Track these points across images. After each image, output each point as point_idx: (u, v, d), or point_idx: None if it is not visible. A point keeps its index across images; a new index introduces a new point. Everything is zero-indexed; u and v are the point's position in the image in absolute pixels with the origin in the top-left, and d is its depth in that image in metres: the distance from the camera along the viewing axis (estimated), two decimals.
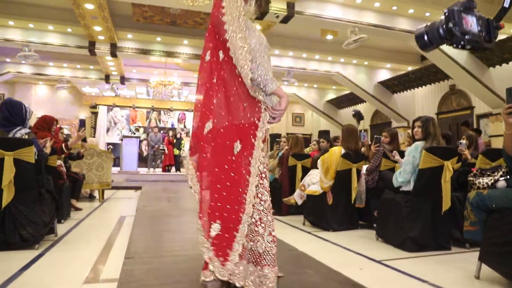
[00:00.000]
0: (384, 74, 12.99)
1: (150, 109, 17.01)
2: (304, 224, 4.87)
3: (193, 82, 14.42)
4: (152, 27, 9.89)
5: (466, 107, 11.06)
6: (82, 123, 14.71)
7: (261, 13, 7.51)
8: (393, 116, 13.12)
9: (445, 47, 8.81)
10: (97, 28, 9.06)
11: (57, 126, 5.43)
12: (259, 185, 1.86)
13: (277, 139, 7.80)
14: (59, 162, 4.82)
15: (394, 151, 4.16)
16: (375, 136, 4.99)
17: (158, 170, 15.13)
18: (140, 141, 15.43)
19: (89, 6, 7.79)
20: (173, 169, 15.18)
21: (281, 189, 5.83)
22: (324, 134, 16.49)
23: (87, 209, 5.69)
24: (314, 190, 4.69)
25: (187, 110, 17.41)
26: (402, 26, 8.35)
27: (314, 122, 19.95)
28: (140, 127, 16.90)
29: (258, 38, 1.85)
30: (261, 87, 1.77)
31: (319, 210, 4.61)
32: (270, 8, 7.32)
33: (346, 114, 16.62)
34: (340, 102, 16.20)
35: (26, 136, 3.32)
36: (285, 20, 7.70)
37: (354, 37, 7.91)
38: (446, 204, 3.40)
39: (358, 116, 10.86)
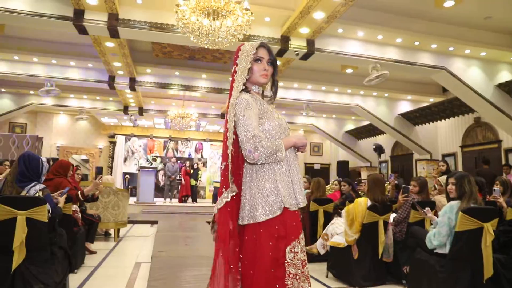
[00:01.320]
0: (405, 106, 12.72)
1: (168, 139, 17.05)
2: (327, 276, 4.58)
3: (210, 114, 14.42)
4: (171, 61, 9.97)
5: (493, 141, 10.65)
6: (99, 170, 14.75)
7: (280, 51, 7.46)
8: (415, 148, 12.76)
9: (469, 80, 8.56)
10: (117, 64, 9.17)
11: (74, 167, 5.35)
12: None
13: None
14: (74, 207, 4.70)
15: (427, 208, 3.87)
16: (403, 185, 4.72)
17: (175, 201, 14.99)
18: (157, 171, 15.39)
19: (109, 44, 7.89)
20: (190, 199, 15.02)
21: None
22: (344, 176, 16.12)
23: (101, 252, 5.53)
24: (338, 242, 4.42)
25: (204, 140, 17.39)
26: (425, 61, 8.16)
27: (332, 152, 19.66)
28: (157, 157, 16.93)
29: (277, 121, 1.89)
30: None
31: (343, 264, 4.34)
32: (289, 46, 7.26)
33: (365, 145, 16.32)
34: (360, 133, 15.92)
35: (40, 193, 3.20)
36: (305, 57, 7.61)
37: (375, 73, 7.74)
38: (487, 271, 3.09)
39: (379, 150, 10.61)
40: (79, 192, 4.48)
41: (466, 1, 6.58)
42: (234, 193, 1.83)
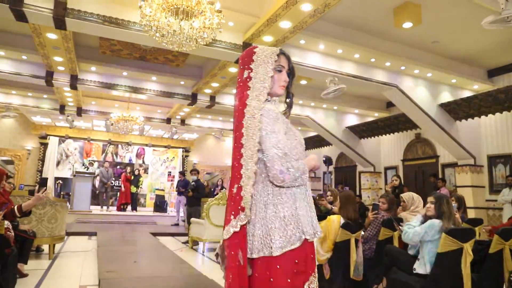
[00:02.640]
0: (352, 119, 13.10)
1: (107, 143, 15.93)
2: None
3: (156, 118, 13.73)
4: (119, 60, 9.27)
5: (431, 156, 11.29)
6: (44, 181, 13.34)
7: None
8: (359, 161, 13.17)
9: (416, 98, 8.97)
10: (58, 59, 8.28)
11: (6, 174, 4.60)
12: None
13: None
14: (6, 224, 4.00)
15: (402, 224, 3.83)
16: (373, 203, 4.66)
17: (112, 209, 14.01)
18: (94, 177, 14.32)
19: (52, 36, 7.08)
20: (129, 207, 14.13)
21: None
22: None
23: (35, 274, 4.77)
24: None
25: (146, 145, 16.51)
26: (379, 77, 8.39)
27: None
28: (94, 161, 15.72)
29: (298, 139, 1.80)
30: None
31: None
32: None
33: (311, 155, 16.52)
34: (306, 144, 16.08)
35: None
36: None
37: (333, 87, 7.78)
38: None
39: (329, 162, 10.74)
40: (15, 207, 3.81)
41: (420, 24, 6.83)
42: (245, 222, 1.55)
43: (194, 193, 8.79)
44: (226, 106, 11.17)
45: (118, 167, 15.77)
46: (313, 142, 15.82)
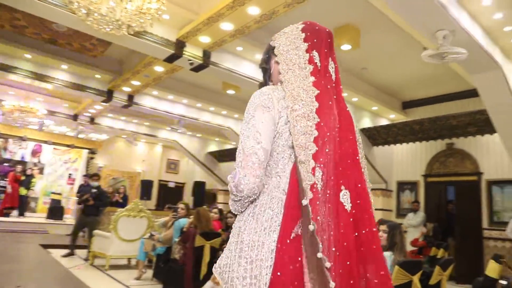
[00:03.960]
0: None
1: None
2: None
3: (61, 113, 12.12)
4: (22, 39, 7.88)
5: None
6: None
7: (172, 56, 6.56)
8: None
9: None
10: None
11: None
12: None
13: (173, 206, 6.64)
14: None
15: None
16: None
17: None
18: None
19: None
20: (14, 212, 12.14)
21: (182, 273, 4.70)
22: (199, 197, 15.54)
23: None
24: None
25: (45, 142, 14.48)
26: None
27: (189, 171, 18.96)
28: None
29: None
30: None
31: None
32: (184, 52, 6.43)
33: (225, 168, 16.17)
34: (223, 156, 15.71)
35: None
36: (198, 69, 6.88)
37: None
38: None
39: None
40: None
41: (355, 49, 6.94)
42: None
43: (96, 201, 7.66)
44: (144, 108, 10.25)
45: (5, 164, 13.56)
46: (230, 154, 15.45)
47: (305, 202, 1.13)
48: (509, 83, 6.28)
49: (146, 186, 15.64)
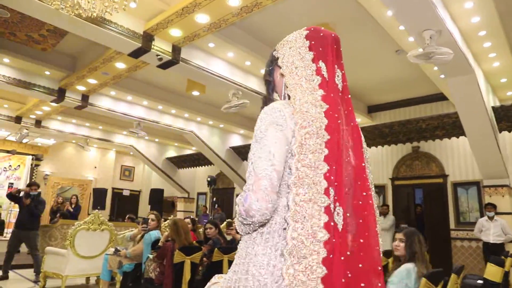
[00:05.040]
0: (236, 140, 12.61)
1: None
2: None
3: (1, 114, 10.85)
4: None
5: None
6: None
7: (139, 50, 5.94)
8: (239, 182, 12.67)
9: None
10: None
11: None
12: None
13: (132, 216, 5.94)
14: None
15: None
16: None
17: None
18: None
19: None
20: None
21: None
22: (157, 205, 14.75)
23: None
24: None
25: None
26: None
27: (145, 178, 17.97)
28: None
29: None
30: None
31: None
32: (152, 47, 5.83)
33: (185, 175, 15.47)
34: (182, 161, 14.99)
35: None
36: (166, 65, 6.29)
37: (236, 101, 7.08)
38: None
39: (214, 183, 10.00)
40: None
41: None
42: None
43: (31, 206, 6.68)
44: (100, 110, 9.38)
45: None
46: (191, 160, 14.80)
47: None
48: (480, 87, 6.35)
49: (99, 194, 14.48)
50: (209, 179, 9.85)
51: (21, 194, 6.83)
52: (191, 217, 6.42)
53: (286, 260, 1.07)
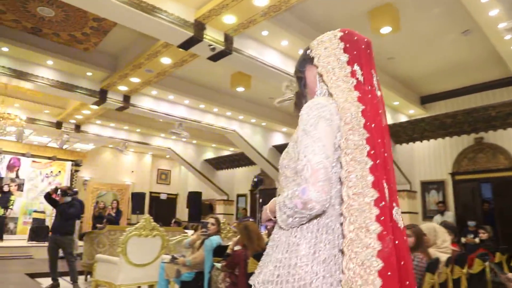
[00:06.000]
0: (278, 138, 12.09)
1: None
2: None
3: (41, 120, 10.74)
4: None
5: None
6: None
7: (191, 40, 5.50)
8: None
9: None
10: None
11: None
12: None
13: (202, 221, 5.48)
14: None
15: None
16: None
17: None
18: None
19: None
20: None
21: None
22: (196, 208, 14.45)
23: None
24: None
25: (23, 155, 12.93)
26: None
27: (181, 181, 17.70)
28: None
29: None
30: None
31: None
32: (204, 36, 5.38)
33: (223, 176, 15.07)
34: (221, 163, 14.60)
35: None
36: (218, 56, 5.83)
37: (290, 94, 6.54)
38: None
39: (262, 183, 9.47)
40: None
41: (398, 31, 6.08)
42: None
43: (65, 206, 6.32)
44: (142, 110, 9.05)
45: None
46: (230, 161, 14.40)
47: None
48: None
49: (138, 199, 14.32)
50: (255, 179, 9.32)
51: (58, 192, 6.52)
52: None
53: (345, 255, 1.09)
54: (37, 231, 10.65)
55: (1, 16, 6.30)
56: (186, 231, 8.49)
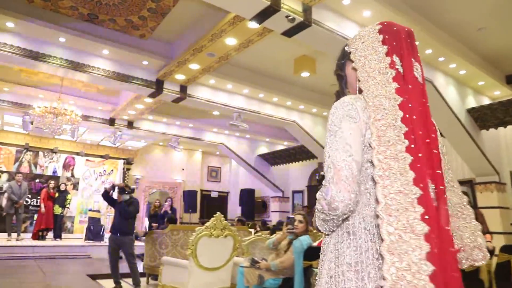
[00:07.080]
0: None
1: (23, 148, 12.05)
2: None
3: (95, 117, 10.48)
4: (55, 18, 6.21)
5: None
6: None
7: (267, 11, 4.77)
8: None
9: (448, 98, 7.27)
10: None
11: None
12: None
13: (288, 217, 4.81)
14: None
15: None
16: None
17: (26, 236, 10.34)
18: (1, 193, 10.62)
19: None
20: (50, 234, 10.56)
21: None
22: (248, 206, 13.87)
23: None
24: None
25: (77, 154, 12.87)
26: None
27: (232, 179, 17.16)
28: (2, 171, 11.72)
29: None
30: None
31: None
32: (282, 5, 4.63)
33: (278, 172, 14.35)
34: (276, 158, 13.87)
35: None
36: (295, 30, 5.06)
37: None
38: None
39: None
40: None
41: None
42: None
43: (124, 205, 5.81)
44: (199, 101, 8.46)
45: (37, 180, 12.00)
46: (286, 156, 13.63)
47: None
48: None
49: (190, 197, 13.94)
50: (322, 173, 8.53)
51: (116, 189, 6.06)
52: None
53: (386, 259, 0.99)
54: (93, 231, 10.43)
55: (58, 4, 5.88)
56: (251, 230, 7.85)
